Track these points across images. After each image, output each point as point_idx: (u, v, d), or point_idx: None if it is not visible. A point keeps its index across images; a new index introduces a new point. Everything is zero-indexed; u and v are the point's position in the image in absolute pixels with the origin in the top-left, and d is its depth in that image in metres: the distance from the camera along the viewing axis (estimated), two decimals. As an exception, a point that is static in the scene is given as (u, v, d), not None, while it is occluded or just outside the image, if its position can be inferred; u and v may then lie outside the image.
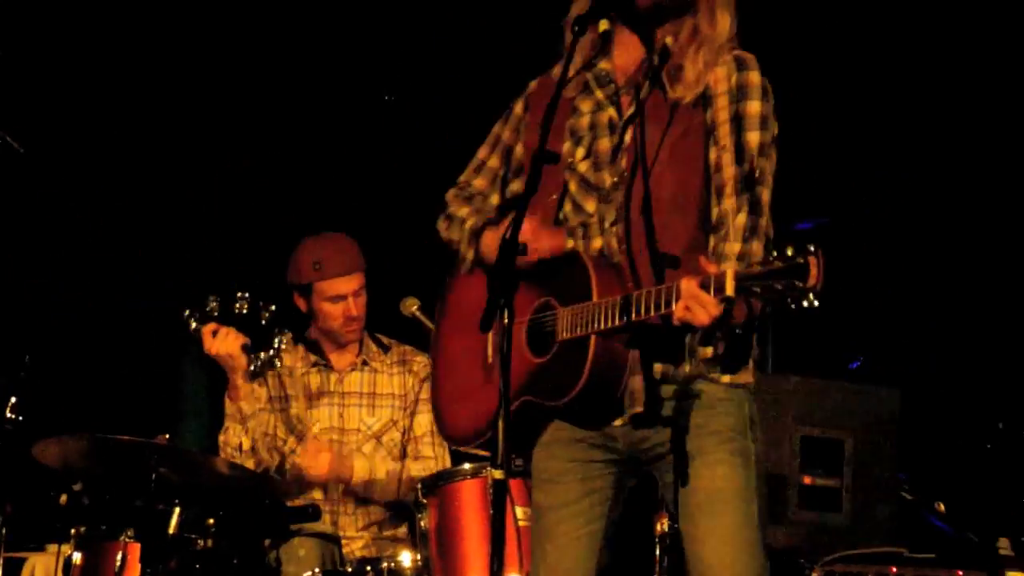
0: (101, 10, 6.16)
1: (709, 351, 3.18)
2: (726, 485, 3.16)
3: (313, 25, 6.41)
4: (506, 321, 2.92)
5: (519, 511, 4.23)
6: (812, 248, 2.82)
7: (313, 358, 5.09)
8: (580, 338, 3.14)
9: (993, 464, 5.57)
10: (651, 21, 3.24)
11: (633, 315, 3.06)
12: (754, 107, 3.19)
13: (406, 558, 4.47)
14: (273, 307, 4.48)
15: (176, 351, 5.56)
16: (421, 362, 5.15)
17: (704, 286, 2.89)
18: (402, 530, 4.97)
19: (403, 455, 5.10)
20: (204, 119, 6.39)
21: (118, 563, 4.44)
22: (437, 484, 4.38)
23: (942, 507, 5.01)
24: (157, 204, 6.34)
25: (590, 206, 3.29)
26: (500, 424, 2.90)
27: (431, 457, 5.04)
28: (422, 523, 4.39)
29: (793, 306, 2.85)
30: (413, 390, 5.15)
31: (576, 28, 3.13)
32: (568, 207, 3.30)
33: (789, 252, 2.83)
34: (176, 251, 6.29)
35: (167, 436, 4.63)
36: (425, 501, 4.39)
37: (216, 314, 4.50)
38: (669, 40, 3.23)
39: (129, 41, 6.34)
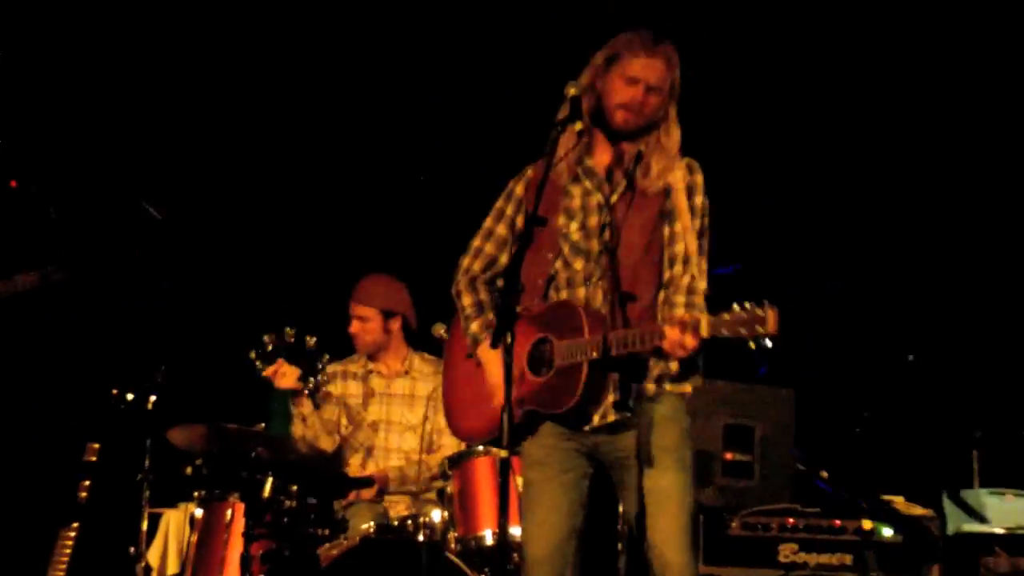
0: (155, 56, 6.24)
1: (674, 367, 3.52)
2: (672, 488, 3.53)
3: (343, 93, 6.48)
4: (509, 341, 3.28)
5: (519, 480, 4.20)
6: (767, 303, 3.15)
7: (370, 367, 5.46)
8: (575, 364, 3.50)
9: (858, 444, 5.88)
10: (625, 136, 3.65)
11: (623, 350, 3.40)
12: (699, 200, 3.63)
13: (436, 515, 4.81)
14: (314, 338, 4.87)
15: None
16: None
17: (684, 327, 3.26)
18: (433, 494, 5.25)
19: (429, 447, 5.37)
20: (284, 184, 6.57)
21: (228, 517, 4.77)
22: (460, 460, 4.76)
23: (825, 474, 5.31)
24: (247, 258, 6.51)
25: (578, 265, 3.64)
26: (504, 418, 3.30)
27: (448, 446, 5.25)
28: (448, 488, 4.79)
29: (753, 346, 3.17)
30: (438, 391, 5.14)
31: (558, 127, 3.56)
32: (559, 264, 3.66)
33: (748, 305, 3.17)
34: (261, 291, 6.40)
35: (263, 425, 5.02)
36: (450, 472, 4.77)
37: (272, 347, 4.86)
38: (643, 148, 3.63)
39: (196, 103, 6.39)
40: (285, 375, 4.91)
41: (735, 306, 3.22)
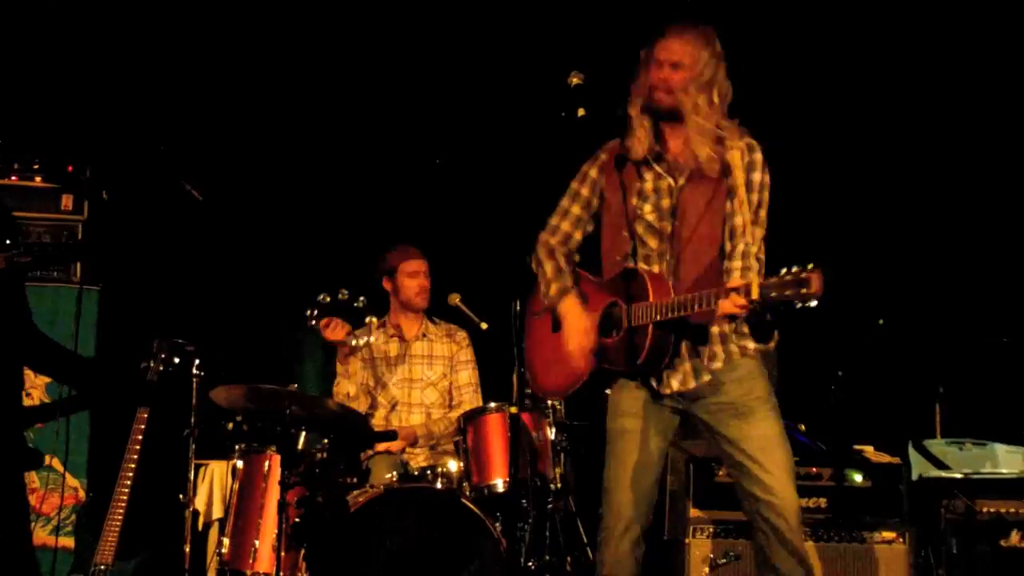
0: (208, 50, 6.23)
1: (745, 328, 3.59)
2: (774, 434, 3.64)
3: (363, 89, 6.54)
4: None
5: (534, 435, 4.75)
6: (812, 266, 3.14)
7: (392, 332, 5.60)
8: (642, 326, 3.58)
9: (833, 400, 5.97)
10: (665, 117, 3.70)
11: (684, 311, 3.46)
12: (757, 176, 3.65)
13: (453, 465, 4.99)
14: (364, 298, 4.91)
15: (300, 330, 5.63)
16: (461, 335, 5.65)
17: (736, 292, 3.33)
18: (450, 446, 5.38)
19: (450, 401, 5.54)
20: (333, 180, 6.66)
21: (266, 468, 4.90)
22: (474, 416, 4.94)
23: (803, 427, 5.39)
24: (300, 236, 6.65)
25: (653, 243, 3.73)
26: (515, 379, 3.58)
27: (468, 403, 5.45)
28: (463, 442, 4.95)
29: (798, 306, 3.16)
30: (456, 354, 5.59)
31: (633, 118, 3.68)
32: (636, 242, 3.73)
33: (794, 269, 3.18)
34: (303, 264, 6.50)
35: (295, 386, 5.03)
36: (465, 427, 4.94)
37: (327, 302, 4.85)
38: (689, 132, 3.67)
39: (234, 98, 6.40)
40: (335, 329, 4.98)
41: (783, 270, 3.25)
